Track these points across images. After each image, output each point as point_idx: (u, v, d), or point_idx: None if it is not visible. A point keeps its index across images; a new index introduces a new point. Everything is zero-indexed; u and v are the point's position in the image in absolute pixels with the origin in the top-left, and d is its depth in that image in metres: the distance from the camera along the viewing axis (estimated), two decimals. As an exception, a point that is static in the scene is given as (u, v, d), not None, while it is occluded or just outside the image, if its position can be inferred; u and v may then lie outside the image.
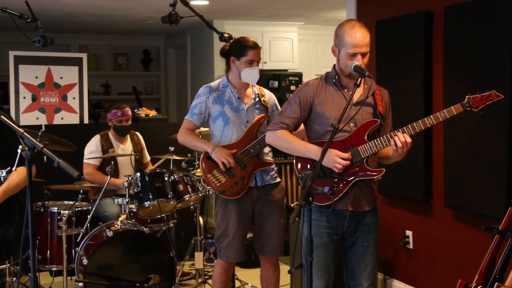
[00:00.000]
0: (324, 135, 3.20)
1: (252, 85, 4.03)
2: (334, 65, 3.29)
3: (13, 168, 2.48)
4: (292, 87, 7.45)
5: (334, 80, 3.25)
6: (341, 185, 3.15)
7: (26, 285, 4.81)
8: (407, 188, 4.55)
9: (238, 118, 3.92)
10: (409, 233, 4.64)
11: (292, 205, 3.14)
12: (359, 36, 3.12)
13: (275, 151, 3.97)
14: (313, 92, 3.24)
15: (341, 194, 3.15)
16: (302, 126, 3.42)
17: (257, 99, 3.99)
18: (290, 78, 7.53)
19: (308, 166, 3.20)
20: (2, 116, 2.38)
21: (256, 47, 3.93)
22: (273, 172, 4.02)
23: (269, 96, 4.09)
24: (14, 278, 4.59)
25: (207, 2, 6.06)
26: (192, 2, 4.34)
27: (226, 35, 4.28)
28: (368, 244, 3.26)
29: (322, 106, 3.21)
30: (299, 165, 3.26)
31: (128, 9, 6.62)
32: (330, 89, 3.25)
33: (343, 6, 5.52)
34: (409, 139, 3.08)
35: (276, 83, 7.37)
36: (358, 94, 3.22)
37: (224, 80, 4.01)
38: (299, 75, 7.62)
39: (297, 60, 7.73)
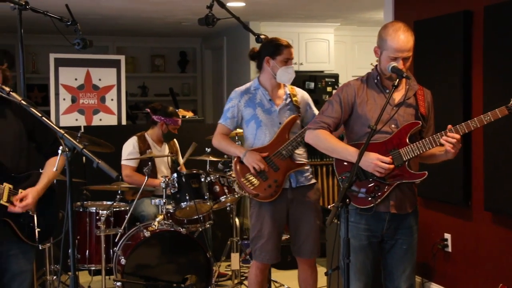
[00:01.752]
0: (364, 136, 3.15)
1: (284, 85, 4.01)
2: (376, 66, 3.24)
3: (54, 169, 2.59)
4: (329, 89, 7.42)
5: (375, 81, 3.21)
6: (382, 188, 3.12)
7: (66, 284, 4.89)
8: (446, 191, 4.48)
9: (270, 120, 3.92)
10: (447, 236, 4.58)
11: (329, 206, 3.12)
12: (402, 41, 3.06)
13: (311, 152, 3.95)
14: (354, 92, 3.20)
15: (382, 197, 3.12)
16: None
17: (288, 99, 3.97)
18: (327, 79, 7.50)
19: (348, 167, 3.17)
20: (43, 118, 2.44)
21: (289, 46, 3.94)
22: (308, 173, 4.00)
23: (302, 96, 4.06)
24: (55, 277, 4.68)
25: (243, 4, 6.08)
26: (228, 4, 4.36)
27: (262, 36, 4.29)
28: (407, 247, 3.22)
29: (363, 107, 3.17)
30: (339, 167, 3.23)
31: (166, 12, 6.67)
32: (372, 90, 3.20)
33: (381, 7, 5.48)
34: (457, 136, 3.01)
35: (312, 84, 7.35)
36: (400, 95, 3.17)
37: (256, 82, 4.01)
38: (336, 76, 7.58)
39: (334, 61, 7.69)
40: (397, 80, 3.05)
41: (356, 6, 6.44)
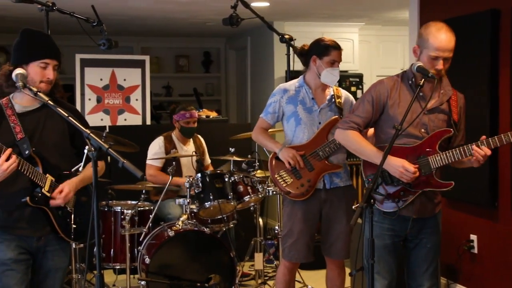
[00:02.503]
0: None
1: (329, 86, 3.99)
2: (411, 65, 3.17)
3: (80, 169, 2.62)
4: (353, 88, 7.38)
5: (410, 82, 3.17)
6: (407, 194, 3.10)
7: (91, 282, 4.94)
8: (472, 192, 4.43)
9: (310, 119, 3.90)
10: (473, 237, 4.53)
11: (353, 207, 3.11)
12: (445, 40, 3.03)
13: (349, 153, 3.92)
14: (387, 92, 3.17)
15: (406, 203, 3.10)
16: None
17: (332, 100, 3.94)
18: (351, 79, 7.46)
19: (375, 170, 3.14)
20: (70, 118, 2.47)
21: (339, 48, 3.91)
22: (345, 175, 3.96)
23: (346, 98, 4.02)
24: (80, 275, 4.73)
25: (267, 4, 6.07)
26: (252, 4, 4.35)
27: (286, 36, 4.28)
28: (431, 246, 3.21)
29: (395, 109, 3.14)
30: (366, 169, 3.21)
31: (190, 12, 6.70)
32: (405, 90, 3.17)
33: (406, 6, 5.44)
34: (489, 152, 2.99)
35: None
36: (433, 99, 3.12)
37: (301, 80, 3.99)
38: (360, 76, 7.54)
39: (358, 61, 7.65)
40: (422, 80, 3.03)
41: (381, 5, 6.40)
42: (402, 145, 3.10)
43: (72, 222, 3.06)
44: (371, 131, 3.48)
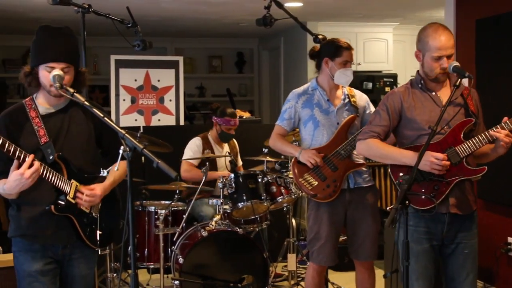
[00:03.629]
0: (417, 140, 3.15)
1: (342, 86, 3.99)
2: (418, 71, 3.25)
3: (115, 168, 2.59)
4: (387, 89, 7.32)
5: (420, 85, 3.22)
6: (442, 187, 3.07)
7: (126, 281, 4.98)
8: (509, 194, 4.35)
9: (328, 120, 3.90)
10: (511, 240, 4.45)
11: (387, 208, 3.08)
12: (444, 39, 3.08)
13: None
14: (400, 98, 3.21)
15: (443, 197, 3.06)
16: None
17: (346, 100, 3.95)
18: (385, 79, 7.40)
19: (403, 171, 3.12)
20: (106, 118, 2.47)
21: (350, 48, 3.92)
22: (366, 175, 3.96)
23: (360, 97, 4.04)
24: (115, 274, 4.77)
25: (301, 4, 6.06)
26: (286, 4, 4.34)
27: (320, 36, 4.26)
28: (469, 251, 3.15)
29: (412, 111, 3.17)
30: (394, 172, 3.19)
31: (223, 13, 6.72)
32: (417, 94, 3.21)
33: (441, 5, 5.37)
34: (506, 131, 2.99)
35: (370, 85, 7.27)
36: (446, 95, 3.16)
37: (313, 82, 4.00)
38: (394, 76, 7.47)
39: (392, 61, 7.59)
40: (458, 79, 3.03)
41: (416, 4, 6.33)
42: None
43: (98, 229, 2.97)
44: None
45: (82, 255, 2.96)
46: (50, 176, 2.76)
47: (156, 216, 4.66)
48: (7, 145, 2.62)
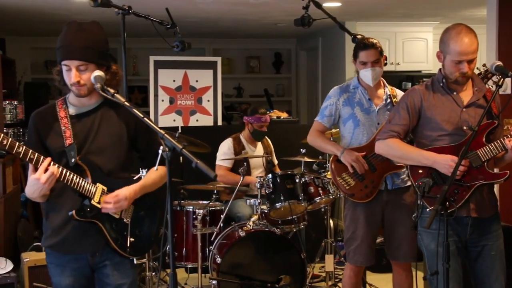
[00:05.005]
0: (436, 140, 3.10)
1: (384, 85, 3.96)
2: (440, 70, 3.19)
3: (155, 168, 2.50)
4: (426, 89, 7.23)
5: (441, 84, 3.15)
6: (462, 191, 3.02)
7: (164, 280, 5.02)
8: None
9: (369, 120, 3.87)
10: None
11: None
12: (465, 44, 3.00)
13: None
14: (420, 97, 3.15)
15: (463, 201, 3.02)
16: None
17: (388, 100, 3.91)
18: (424, 79, 7.29)
19: (423, 173, 3.08)
20: (145, 118, 2.47)
21: (367, 47, 3.85)
22: (404, 176, 3.91)
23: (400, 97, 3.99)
24: (153, 273, 4.82)
25: (339, 4, 6.02)
26: (324, 4, 4.32)
27: (358, 36, 4.23)
28: (495, 253, 3.10)
29: (431, 110, 3.12)
30: (414, 174, 3.14)
31: (262, 13, 6.72)
32: (438, 93, 3.15)
33: (483, 4, 5.28)
34: None
35: (409, 85, 7.19)
36: (468, 96, 3.11)
37: (355, 81, 3.97)
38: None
39: (432, 61, 7.49)
40: (501, 79, 2.98)
41: (457, 3, 6.23)
42: (447, 144, 3.07)
43: (129, 235, 2.77)
44: None
45: (113, 262, 2.77)
46: (71, 180, 2.61)
47: (194, 216, 4.70)
48: (16, 146, 2.49)
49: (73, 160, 2.64)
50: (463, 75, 3.06)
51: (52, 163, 2.55)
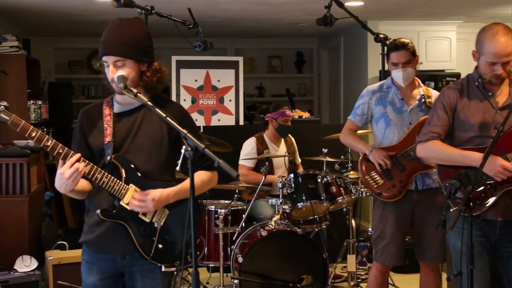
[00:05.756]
0: (468, 141, 3.05)
1: (419, 85, 3.94)
2: (476, 67, 3.12)
3: (177, 168, 2.46)
4: (450, 88, 7.17)
5: (476, 84, 3.09)
6: (489, 195, 2.97)
7: (186, 279, 5.04)
8: None
9: (401, 119, 3.86)
10: None
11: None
12: (501, 46, 2.93)
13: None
14: (457, 96, 3.10)
15: (489, 204, 2.98)
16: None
17: (422, 100, 3.88)
18: (448, 78, 7.25)
19: (451, 174, 3.04)
20: (168, 118, 2.46)
21: (397, 48, 3.83)
22: (436, 176, 3.87)
23: (436, 97, 3.95)
24: (175, 272, 4.83)
25: (362, 3, 6.00)
26: (346, 4, 4.31)
27: (381, 35, 4.22)
28: None
29: (465, 111, 3.07)
30: (443, 175, 3.11)
31: (284, 13, 6.72)
32: (473, 92, 3.09)
33: (508, 2, 5.23)
34: None
35: (432, 84, 7.13)
36: (504, 97, 3.05)
37: (389, 80, 3.96)
38: (457, 76, 7.30)
39: (455, 60, 7.43)
40: None
41: (481, 1, 6.17)
42: (477, 146, 3.01)
43: (157, 241, 2.66)
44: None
45: (142, 269, 2.69)
46: (101, 179, 2.56)
47: (216, 215, 4.70)
48: (44, 139, 2.47)
49: (108, 158, 2.61)
50: (497, 77, 3.00)
51: (82, 159, 2.51)
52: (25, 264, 4.53)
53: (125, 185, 2.61)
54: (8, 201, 4.88)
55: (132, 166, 2.64)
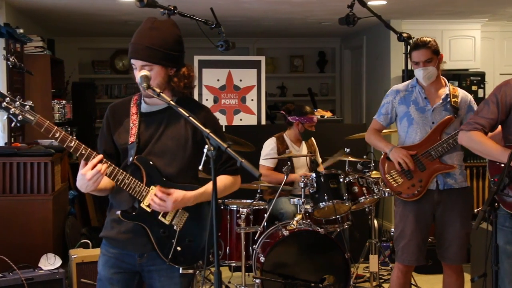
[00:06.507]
0: None
1: (445, 84, 3.92)
2: None
3: (200, 167, 2.46)
4: (473, 87, 7.10)
5: None
6: None
7: (208, 278, 5.06)
8: None
9: (423, 119, 3.84)
10: None
11: (475, 211, 2.98)
12: None
13: (468, 154, 3.80)
14: None
15: None
16: (499, 128, 3.22)
17: (447, 99, 3.85)
18: (472, 78, 7.18)
19: (500, 170, 3.00)
20: (191, 118, 2.47)
21: (418, 47, 3.80)
22: (460, 176, 3.85)
23: (463, 97, 3.89)
24: (198, 271, 4.85)
25: (385, 2, 5.96)
26: (369, 3, 4.29)
27: (404, 34, 4.19)
28: None
29: None
30: (492, 169, 3.07)
31: (306, 12, 6.70)
32: None
33: (534, 0, 5.16)
34: None
35: (456, 84, 7.06)
36: None
37: (414, 79, 3.94)
38: (482, 75, 7.23)
39: (480, 59, 7.35)
40: None
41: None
42: None
43: (176, 244, 2.66)
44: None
45: (160, 268, 2.70)
46: (123, 181, 2.57)
47: (238, 215, 4.71)
48: (68, 140, 2.48)
49: (130, 159, 2.61)
50: None
51: (104, 161, 2.52)
52: (50, 262, 4.58)
53: (146, 187, 2.61)
54: (33, 199, 4.93)
55: (155, 168, 2.63)
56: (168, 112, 2.67)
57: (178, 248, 2.66)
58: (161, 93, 2.53)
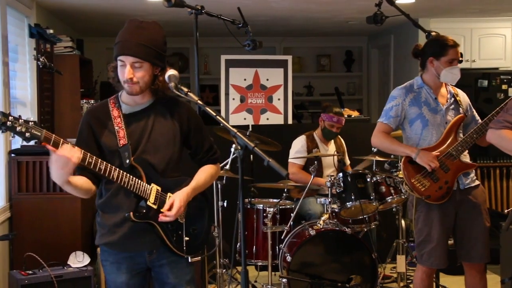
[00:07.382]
0: None
1: (447, 84, 3.88)
2: None
3: (227, 166, 2.51)
4: (504, 86, 7.00)
5: None
6: None
7: (235, 278, 5.07)
8: None
9: (437, 119, 3.81)
10: None
11: (505, 211, 2.94)
12: None
13: (482, 153, 3.78)
14: None
15: None
16: None
17: (452, 99, 3.84)
18: (502, 77, 7.07)
19: None
20: (218, 117, 2.49)
21: (456, 45, 3.77)
22: (473, 174, 3.86)
23: (463, 95, 3.94)
24: (224, 270, 4.87)
25: (413, 0, 5.91)
26: (397, 1, 4.26)
27: (433, 33, 4.15)
28: None
29: None
30: None
31: (333, 11, 6.68)
32: None
33: None
34: None
35: (485, 82, 6.97)
36: None
37: (419, 80, 3.89)
38: (512, 74, 7.14)
39: (510, 58, 7.25)
40: None
41: (537, -3, 6.01)
42: None
43: (185, 234, 2.79)
44: None
45: (170, 261, 2.79)
46: (128, 182, 2.61)
47: (264, 214, 4.71)
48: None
49: (127, 161, 2.64)
50: None
51: (100, 161, 2.54)
52: (78, 260, 4.64)
53: (148, 186, 2.68)
54: (62, 198, 4.98)
55: (151, 166, 2.71)
56: (153, 110, 2.74)
57: (187, 238, 2.78)
58: (188, 93, 2.58)
